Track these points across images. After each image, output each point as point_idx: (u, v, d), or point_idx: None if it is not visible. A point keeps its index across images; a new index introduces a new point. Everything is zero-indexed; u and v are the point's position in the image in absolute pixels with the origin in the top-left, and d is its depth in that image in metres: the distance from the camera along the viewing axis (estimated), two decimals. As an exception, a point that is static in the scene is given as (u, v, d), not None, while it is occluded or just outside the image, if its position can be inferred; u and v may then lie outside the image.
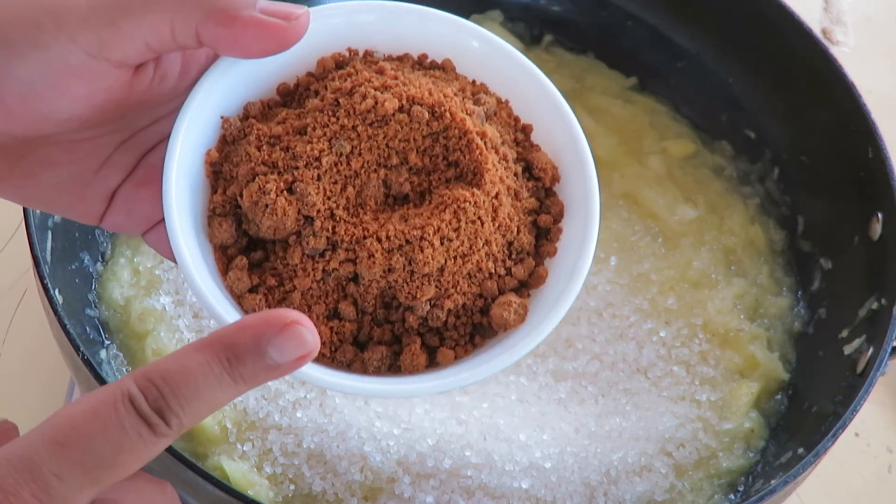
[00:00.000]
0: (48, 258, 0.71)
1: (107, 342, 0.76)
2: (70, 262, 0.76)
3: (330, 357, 0.51)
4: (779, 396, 0.80)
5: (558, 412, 0.76)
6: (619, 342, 0.80)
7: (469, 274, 0.51)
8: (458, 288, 0.51)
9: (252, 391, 0.74)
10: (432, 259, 0.50)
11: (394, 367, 0.52)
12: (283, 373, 0.43)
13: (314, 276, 0.51)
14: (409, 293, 0.51)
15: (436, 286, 0.51)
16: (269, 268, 0.52)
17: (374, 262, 0.50)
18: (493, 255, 0.52)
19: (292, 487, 0.71)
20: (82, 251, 0.78)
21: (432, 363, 0.52)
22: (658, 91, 0.95)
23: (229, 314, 0.49)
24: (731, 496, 0.75)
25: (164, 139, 0.54)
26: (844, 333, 0.78)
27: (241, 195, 0.51)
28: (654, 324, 0.81)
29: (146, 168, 0.54)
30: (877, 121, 0.81)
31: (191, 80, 0.52)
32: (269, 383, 0.74)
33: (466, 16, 0.96)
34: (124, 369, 0.76)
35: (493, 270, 0.52)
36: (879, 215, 0.78)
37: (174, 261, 0.52)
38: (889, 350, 0.72)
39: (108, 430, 0.41)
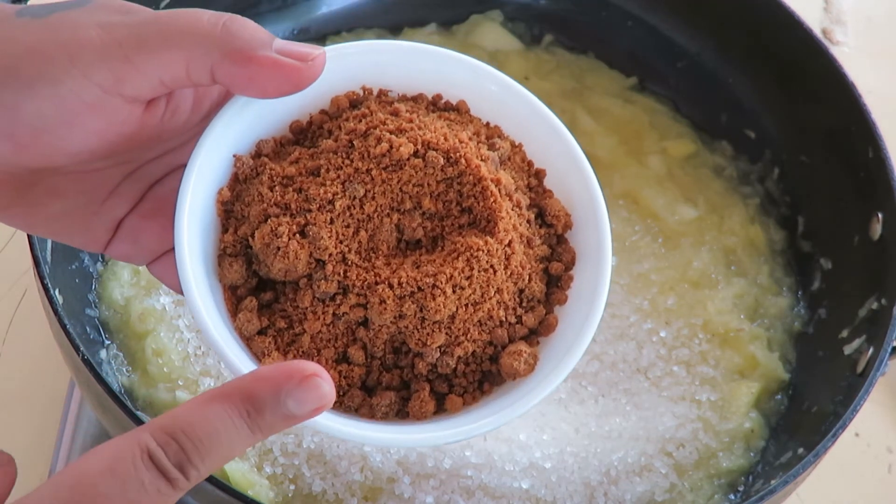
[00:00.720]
0: (48, 258, 0.71)
1: (107, 342, 0.76)
2: (70, 262, 0.76)
3: (338, 401, 0.51)
4: (779, 396, 0.80)
5: (558, 412, 0.76)
6: (619, 342, 0.80)
7: (480, 322, 0.51)
8: (469, 336, 0.51)
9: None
10: (444, 307, 0.50)
11: (401, 413, 0.52)
12: (298, 422, 0.43)
13: (324, 319, 0.50)
14: (419, 340, 0.50)
15: (446, 333, 0.50)
16: (278, 309, 0.51)
17: (385, 308, 0.50)
18: (504, 303, 0.52)
19: (292, 487, 0.71)
20: (82, 251, 0.78)
21: (440, 409, 0.52)
22: (658, 91, 0.95)
23: (241, 361, 0.49)
24: (731, 496, 0.75)
25: (172, 171, 0.54)
26: (844, 333, 0.78)
27: (253, 236, 0.51)
28: (654, 324, 0.81)
29: (153, 200, 0.54)
30: (877, 121, 0.81)
31: (202, 115, 0.52)
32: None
33: (466, 16, 0.96)
34: (124, 369, 0.76)
35: (503, 318, 0.52)
36: (879, 215, 0.78)
37: (179, 292, 0.51)
38: (889, 350, 0.72)
39: (127, 490, 0.40)
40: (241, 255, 0.52)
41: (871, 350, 0.73)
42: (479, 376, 0.52)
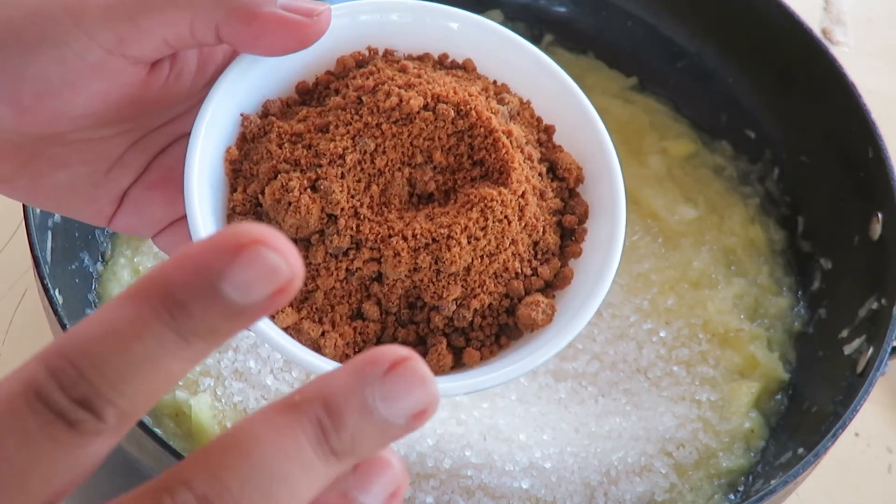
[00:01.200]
0: (48, 258, 0.71)
1: (107, 342, 0.76)
2: (70, 262, 0.76)
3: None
4: (779, 396, 0.80)
5: (558, 412, 0.76)
6: (619, 342, 0.80)
7: (496, 273, 0.51)
8: (485, 288, 0.51)
9: (252, 391, 0.74)
10: (459, 258, 0.49)
11: None
12: (256, 317, 0.30)
13: (337, 275, 0.50)
14: (434, 293, 0.50)
15: (462, 286, 0.50)
16: None
17: (399, 261, 0.49)
18: (519, 254, 0.51)
19: None
20: (82, 251, 0.78)
21: (458, 364, 0.51)
22: (658, 91, 0.95)
23: None
24: (731, 496, 0.75)
25: (177, 140, 0.53)
26: (844, 333, 0.78)
27: (263, 193, 0.50)
28: (654, 324, 0.81)
29: (158, 169, 0.53)
30: (877, 121, 0.81)
31: (207, 80, 0.52)
32: (269, 383, 0.74)
33: (466, 16, 0.96)
34: (124, 369, 0.76)
35: (519, 270, 0.51)
36: (879, 215, 0.78)
37: None
38: (889, 350, 0.72)
39: (7, 443, 0.28)
40: (250, 214, 0.51)
41: (871, 350, 0.73)
42: (496, 329, 0.52)
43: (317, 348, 0.50)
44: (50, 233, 0.73)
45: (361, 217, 0.50)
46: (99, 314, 0.29)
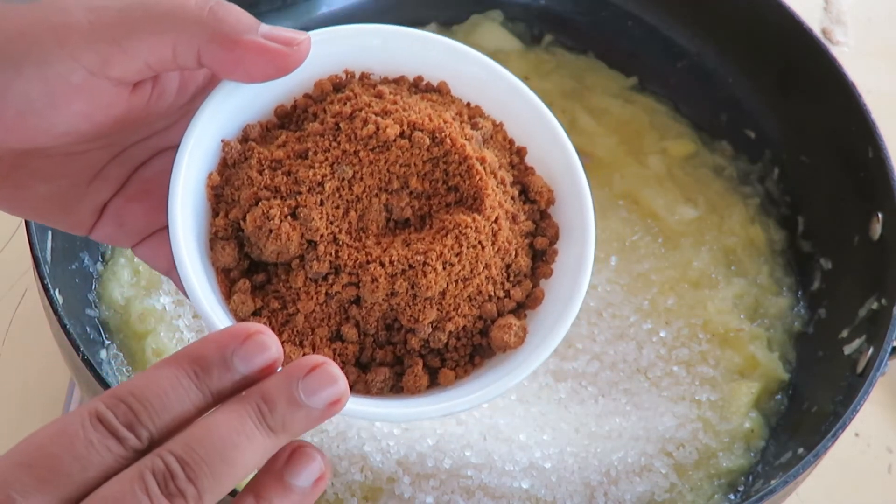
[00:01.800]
0: (48, 258, 0.71)
1: (107, 342, 0.76)
2: (70, 262, 0.76)
3: None
4: (779, 396, 0.80)
5: (558, 412, 0.76)
6: (619, 342, 0.80)
7: (470, 297, 0.52)
8: (459, 311, 0.52)
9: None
10: (435, 283, 0.51)
11: (396, 388, 0.53)
12: (253, 382, 0.42)
13: (317, 299, 0.51)
14: (411, 316, 0.51)
15: (437, 309, 0.51)
16: (272, 290, 0.52)
17: (377, 287, 0.51)
18: (492, 278, 0.53)
19: None
20: (82, 251, 0.78)
21: (433, 384, 0.53)
22: (658, 91, 0.95)
23: None
24: (731, 496, 0.75)
25: (157, 153, 0.54)
26: (844, 333, 0.78)
27: (244, 219, 0.51)
28: (654, 324, 0.81)
29: (138, 182, 0.54)
30: (877, 121, 0.81)
31: (188, 98, 0.53)
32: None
33: (466, 16, 0.96)
34: (124, 369, 0.76)
35: (492, 293, 0.53)
36: (879, 215, 0.78)
37: (165, 273, 0.52)
38: (889, 350, 0.72)
39: (76, 447, 0.39)
40: (232, 239, 0.52)
41: (870, 350, 0.73)
42: (471, 350, 0.53)
43: None
44: (50, 233, 0.73)
45: (340, 243, 0.51)
46: (146, 372, 0.41)
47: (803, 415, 0.78)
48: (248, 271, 0.53)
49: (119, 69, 0.47)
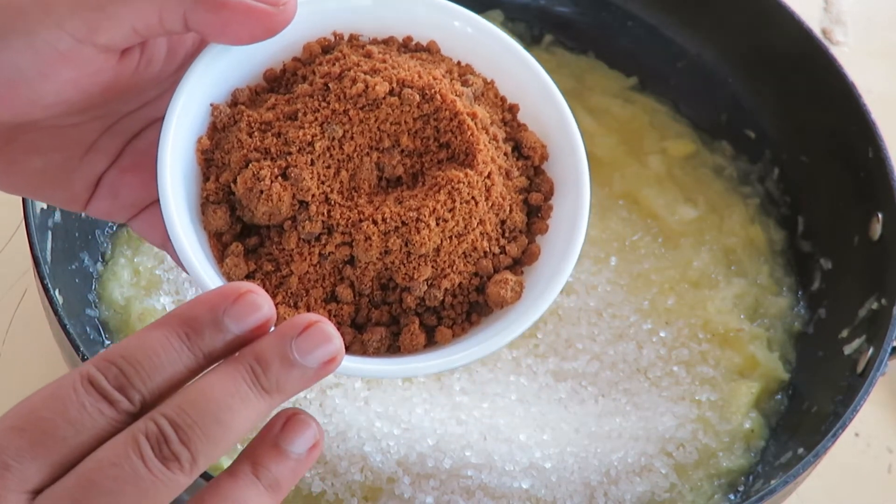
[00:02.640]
0: (48, 258, 0.71)
1: (107, 342, 0.76)
2: (70, 262, 0.76)
3: None
4: (779, 396, 0.80)
5: (558, 412, 0.76)
6: (619, 342, 0.80)
7: (464, 253, 0.52)
8: (455, 267, 0.52)
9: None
10: (429, 240, 0.50)
11: (393, 348, 0.52)
12: (246, 343, 0.42)
13: (311, 260, 0.51)
14: (406, 274, 0.51)
15: (432, 266, 0.51)
16: (264, 253, 0.52)
17: (370, 245, 0.50)
18: (487, 234, 0.52)
19: (292, 488, 0.71)
20: (82, 251, 0.78)
21: (430, 342, 0.52)
22: (658, 91, 0.95)
23: None
24: (731, 496, 0.75)
25: (150, 124, 0.54)
26: (844, 333, 0.78)
27: (235, 182, 0.51)
28: (654, 324, 0.81)
29: (132, 154, 0.54)
30: (877, 121, 0.81)
31: (177, 65, 0.52)
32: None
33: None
34: (124, 369, 0.76)
35: (487, 249, 0.53)
36: (879, 215, 0.78)
37: (161, 247, 0.52)
38: (889, 350, 0.72)
39: (68, 410, 0.39)
40: (224, 202, 0.52)
41: (871, 350, 0.73)
42: (467, 307, 0.53)
43: None
44: (50, 233, 0.73)
45: (332, 202, 0.51)
46: (136, 334, 0.41)
47: (803, 415, 0.78)
48: (240, 235, 0.52)
49: (106, 36, 0.47)
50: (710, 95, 0.93)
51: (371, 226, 0.50)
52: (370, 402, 0.74)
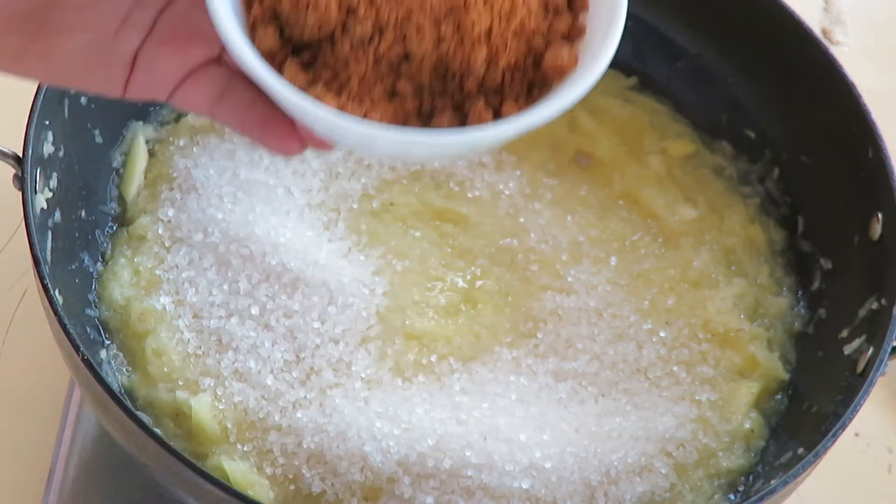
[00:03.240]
0: (48, 258, 0.71)
1: (107, 342, 0.76)
2: (70, 262, 0.76)
3: None
4: (779, 396, 0.80)
5: (558, 412, 0.76)
6: (619, 342, 0.80)
7: (515, 32, 0.53)
8: (508, 46, 0.53)
9: (252, 391, 0.74)
10: (479, 20, 0.51)
11: None
12: None
13: (367, 62, 0.52)
14: (462, 59, 0.52)
15: (486, 47, 0.52)
16: (321, 65, 0.53)
17: (423, 36, 0.51)
18: (533, 13, 0.53)
19: (292, 488, 0.71)
20: (82, 251, 0.78)
21: (498, 120, 0.53)
22: (658, 91, 0.95)
23: (300, 94, 0.50)
24: (731, 496, 0.75)
25: None
26: (844, 333, 0.78)
27: (280, 2, 0.52)
28: (653, 324, 0.81)
29: (165, 24, 0.54)
30: (877, 121, 0.81)
31: None
32: (269, 383, 0.74)
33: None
34: (124, 369, 0.76)
35: (536, 27, 0.54)
36: (879, 215, 0.79)
37: (205, 114, 0.53)
38: (889, 350, 0.72)
39: None
40: (271, 23, 0.53)
41: (870, 350, 0.73)
42: (527, 84, 0.54)
43: None
44: (50, 233, 0.73)
45: (378, 2, 0.51)
46: None
47: (803, 415, 0.78)
48: (292, 54, 0.53)
49: None
50: (710, 95, 0.93)
51: (421, 17, 0.51)
52: (370, 402, 0.74)
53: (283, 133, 0.54)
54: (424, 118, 0.53)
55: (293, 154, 0.55)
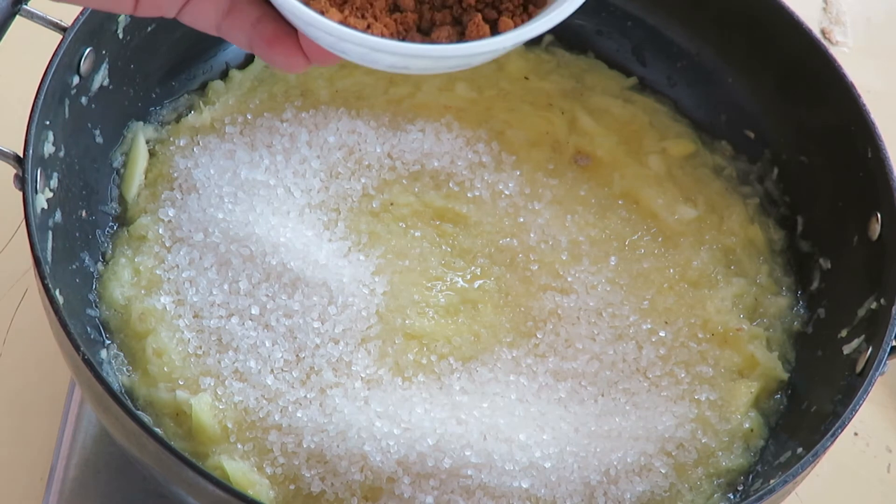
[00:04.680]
0: (49, 258, 0.71)
1: (107, 342, 0.76)
2: (70, 262, 0.76)
3: None
4: (778, 396, 0.80)
5: (558, 412, 0.76)
6: (618, 342, 0.80)
7: None
8: None
9: (252, 391, 0.74)
10: None
11: None
12: None
13: None
14: None
15: None
16: None
17: None
18: None
19: (292, 487, 0.71)
20: (83, 251, 0.78)
21: (495, 34, 0.55)
22: (658, 91, 0.95)
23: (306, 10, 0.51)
24: (731, 496, 0.76)
25: None
26: (844, 333, 0.78)
27: None
28: (653, 323, 0.81)
29: None
30: (876, 121, 0.81)
31: None
32: (269, 383, 0.74)
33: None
34: (125, 369, 0.76)
35: None
36: (879, 215, 0.79)
37: (212, 32, 0.54)
38: (888, 350, 0.72)
39: None
40: None
41: (870, 350, 0.73)
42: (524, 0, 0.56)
43: None
44: (50, 233, 0.73)
45: None
46: None
47: (803, 414, 0.78)
48: None
49: None
50: (710, 95, 0.93)
51: None
52: (370, 401, 0.74)
53: (289, 48, 0.54)
54: (424, 32, 0.55)
55: (298, 70, 0.55)
